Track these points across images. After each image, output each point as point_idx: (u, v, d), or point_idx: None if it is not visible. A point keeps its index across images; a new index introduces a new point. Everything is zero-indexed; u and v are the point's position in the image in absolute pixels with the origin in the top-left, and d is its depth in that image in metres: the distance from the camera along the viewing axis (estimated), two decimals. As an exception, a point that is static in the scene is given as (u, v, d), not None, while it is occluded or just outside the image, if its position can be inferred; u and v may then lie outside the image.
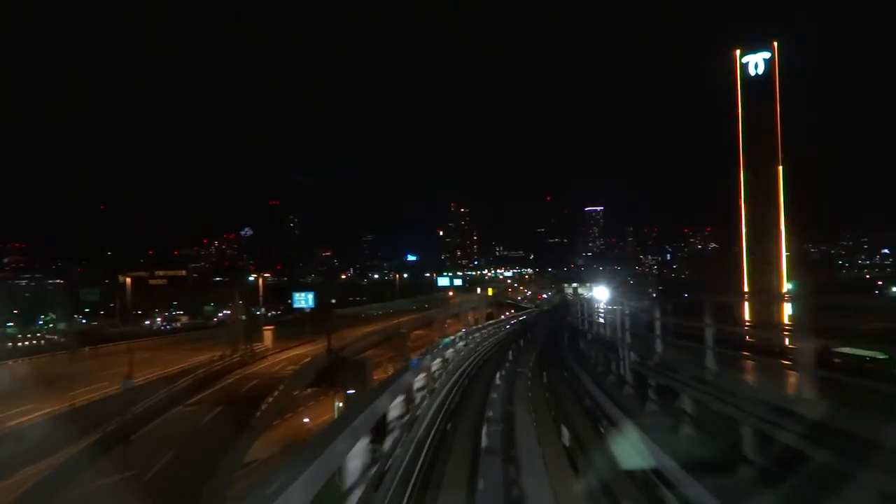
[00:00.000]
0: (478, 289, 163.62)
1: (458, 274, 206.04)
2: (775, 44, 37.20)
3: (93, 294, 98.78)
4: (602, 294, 59.71)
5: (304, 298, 68.44)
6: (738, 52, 37.97)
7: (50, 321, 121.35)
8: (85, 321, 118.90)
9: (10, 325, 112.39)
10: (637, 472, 6.65)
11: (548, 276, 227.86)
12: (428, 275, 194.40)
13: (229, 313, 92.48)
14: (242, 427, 26.43)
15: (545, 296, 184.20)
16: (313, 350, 46.14)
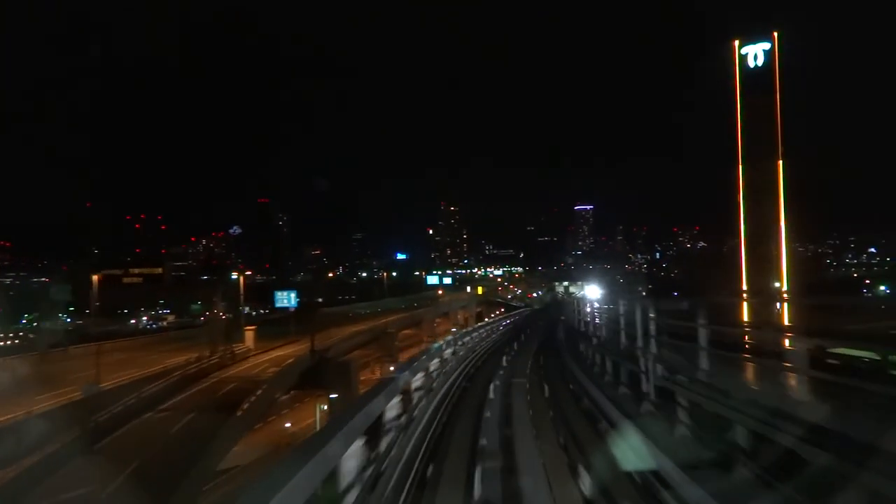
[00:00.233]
0: (468, 287, 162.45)
1: (448, 272, 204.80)
2: (776, 34, 35.93)
3: (63, 292, 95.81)
4: (594, 293, 58.51)
5: (286, 297, 66.38)
6: (736, 42, 36.61)
7: (33, 320, 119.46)
8: (70, 320, 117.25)
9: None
10: None
11: (538, 275, 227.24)
12: (417, 273, 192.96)
13: (210, 312, 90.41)
14: (215, 435, 24.78)
15: (535, 294, 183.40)
16: (297, 351, 44.43)
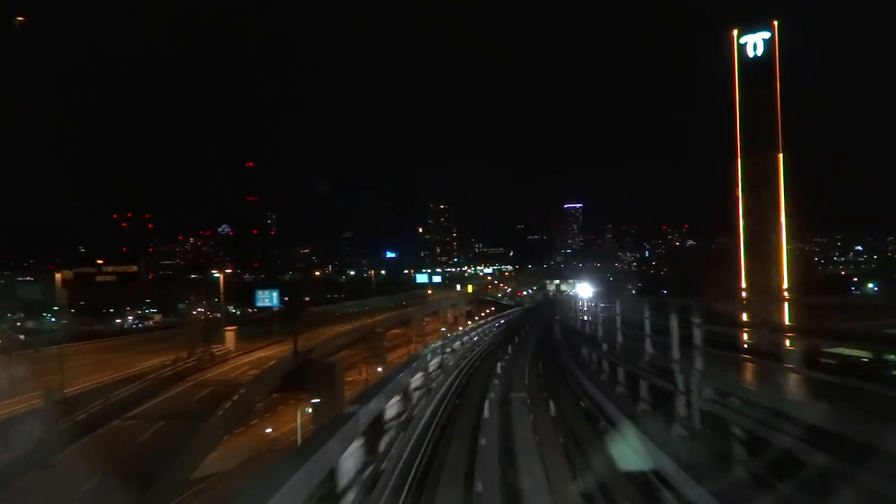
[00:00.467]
0: (457, 286, 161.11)
1: (438, 271, 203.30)
2: (776, 23, 34.69)
3: (32, 291, 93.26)
4: (585, 291, 57.18)
5: (267, 297, 64.03)
6: (735, 32, 35.39)
7: (17, 319, 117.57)
8: (53, 319, 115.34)
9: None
10: None
11: (527, 273, 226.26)
12: (407, 272, 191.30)
13: (200, 311, 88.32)
14: (187, 443, 23.13)
15: (525, 293, 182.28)
16: (281, 352, 42.73)
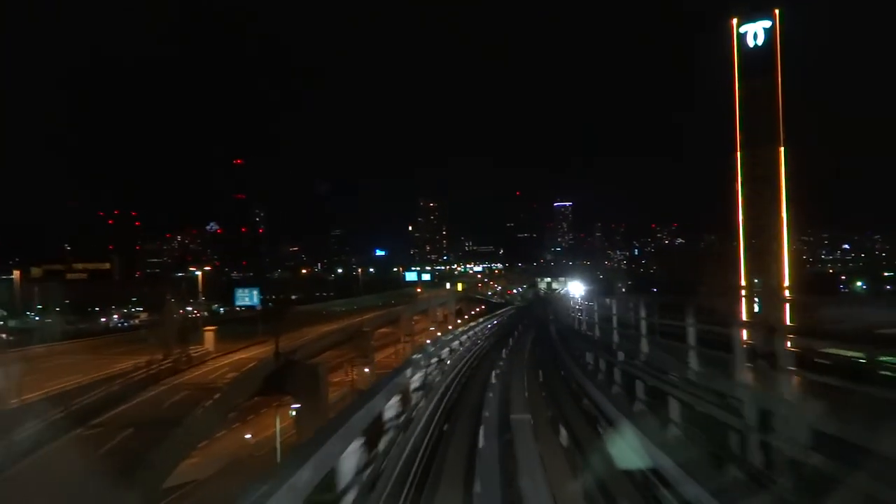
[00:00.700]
0: (447, 284, 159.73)
1: (427, 269, 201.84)
2: (777, 11, 33.43)
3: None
4: (577, 289, 55.88)
5: (247, 295, 61.61)
6: (735, 21, 34.08)
7: (0, 318, 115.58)
8: (38, 318, 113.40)
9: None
10: None
11: (518, 271, 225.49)
12: (396, 270, 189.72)
13: (190, 309, 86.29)
14: (154, 453, 21.48)
15: (515, 291, 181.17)
16: (263, 353, 41.02)
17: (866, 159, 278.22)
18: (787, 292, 31.39)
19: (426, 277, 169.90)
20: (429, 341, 25.71)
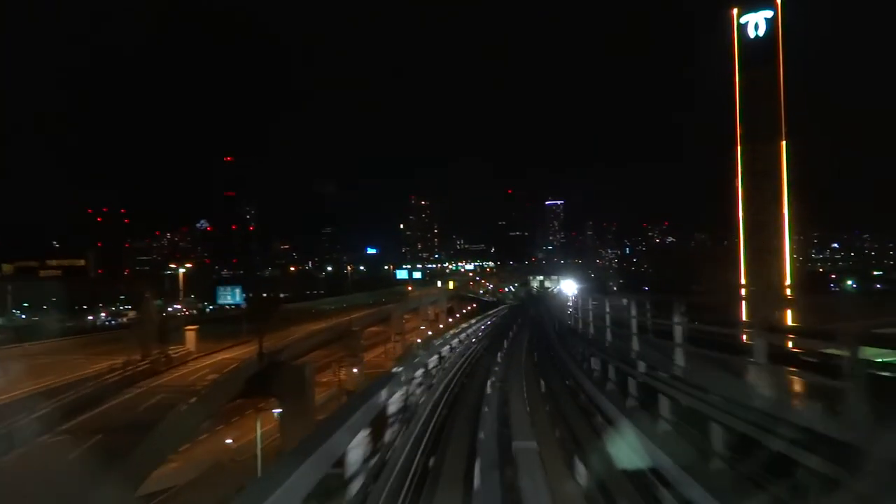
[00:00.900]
0: (438, 282, 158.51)
1: (419, 267, 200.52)
2: (779, 1, 32.39)
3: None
4: (570, 287, 54.85)
5: (229, 293, 59.71)
6: (735, 11, 33.04)
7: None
8: (24, 316, 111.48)
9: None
10: None
11: (509, 270, 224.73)
12: (387, 268, 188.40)
13: (178, 306, 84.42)
14: (125, 460, 20.15)
15: (507, 289, 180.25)
16: (247, 353, 39.62)
17: (866, 158, 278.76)
18: (787, 291, 30.45)
19: (417, 275, 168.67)
20: (419, 342, 24.40)
